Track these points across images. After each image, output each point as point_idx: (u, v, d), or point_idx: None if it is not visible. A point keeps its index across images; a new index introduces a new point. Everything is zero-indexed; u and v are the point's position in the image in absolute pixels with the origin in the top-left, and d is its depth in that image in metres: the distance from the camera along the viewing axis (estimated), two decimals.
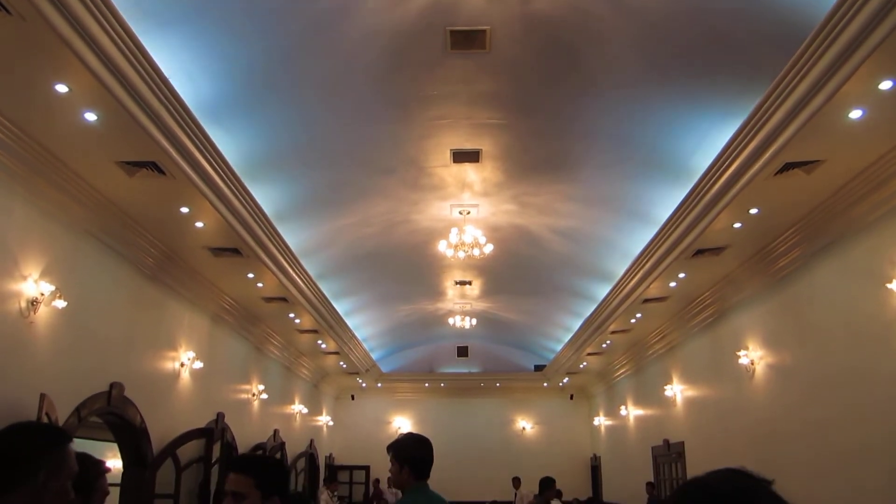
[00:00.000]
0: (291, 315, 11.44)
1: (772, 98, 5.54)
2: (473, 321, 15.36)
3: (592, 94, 7.14)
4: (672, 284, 9.61)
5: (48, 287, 5.96)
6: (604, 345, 13.93)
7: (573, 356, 15.56)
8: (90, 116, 5.19)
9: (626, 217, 9.56)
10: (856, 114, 5.21)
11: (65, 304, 6.20)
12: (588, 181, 9.04)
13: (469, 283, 14.00)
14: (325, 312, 12.01)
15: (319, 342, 13.64)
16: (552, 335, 16.93)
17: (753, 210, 7.00)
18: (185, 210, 7.00)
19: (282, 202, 8.75)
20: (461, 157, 8.48)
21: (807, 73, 5.06)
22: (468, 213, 10.00)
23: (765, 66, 5.73)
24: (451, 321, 15.32)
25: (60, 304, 6.15)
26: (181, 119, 5.78)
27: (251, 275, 9.20)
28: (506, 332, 18.20)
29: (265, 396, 12.59)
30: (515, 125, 7.85)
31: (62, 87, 4.82)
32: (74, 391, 6.50)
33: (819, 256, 7.35)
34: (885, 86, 4.85)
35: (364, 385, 19.18)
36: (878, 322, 6.30)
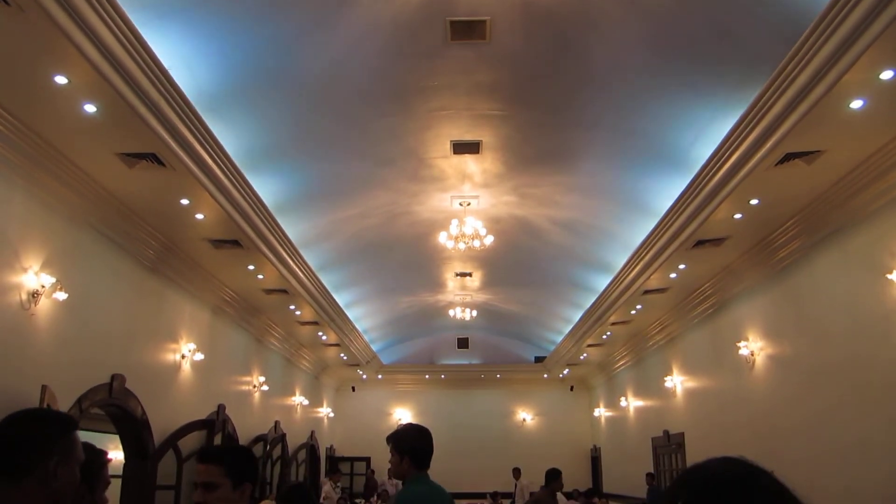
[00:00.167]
0: (292, 307, 11.45)
1: (773, 88, 5.53)
2: (474, 313, 15.38)
3: (593, 85, 7.13)
4: (672, 275, 9.61)
5: (49, 279, 5.97)
6: (604, 336, 13.94)
7: (573, 347, 15.58)
8: (90, 108, 5.18)
9: (627, 208, 9.56)
10: (857, 104, 5.20)
11: (65, 296, 6.21)
12: (588, 172, 9.03)
13: (469, 275, 14.01)
14: (326, 304, 12.02)
15: (320, 334, 13.66)
16: (552, 326, 16.96)
17: (754, 201, 7.00)
18: (186, 202, 7.00)
19: (282, 193, 8.74)
20: (461, 149, 8.48)
21: (808, 64, 5.05)
22: (468, 205, 10.00)
23: (766, 57, 5.71)
24: (452, 313, 15.34)
25: (61, 296, 6.16)
26: (180, 110, 5.77)
27: (251, 266, 9.20)
28: (506, 324, 18.22)
29: (266, 388, 12.62)
30: (516, 116, 7.84)
31: (61, 79, 4.81)
32: (76, 382, 6.52)
33: (819, 247, 7.35)
34: (886, 76, 4.85)
35: (365, 377, 19.21)
36: (879, 312, 6.31)
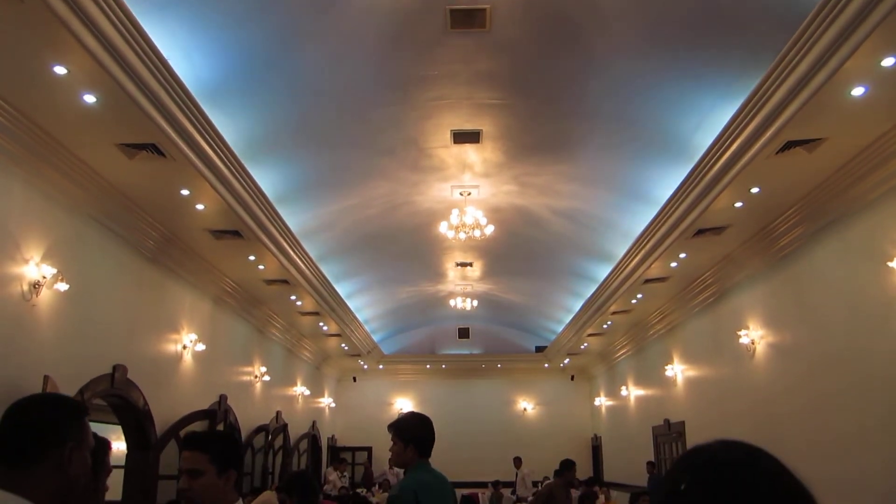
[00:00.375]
0: (293, 297, 11.46)
1: (774, 76, 5.51)
2: (474, 303, 15.40)
3: (593, 74, 7.10)
4: (673, 264, 9.61)
5: (50, 270, 5.97)
6: (605, 325, 13.95)
7: (574, 337, 15.60)
8: (89, 98, 5.17)
9: (627, 197, 9.55)
10: (858, 91, 5.18)
11: (67, 287, 6.22)
12: (589, 161, 9.01)
13: (470, 265, 14.01)
14: (327, 295, 12.03)
15: (321, 324, 13.68)
16: (553, 316, 16.98)
17: (755, 189, 6.99)
18: (186, 192, 6.99)
19: (282, 184, 8.73)
20: (461, 138, 8.46)
21: (809, 51, 5.02)
22: (469, 195, 9.99)
23: (767, 44, 5.69)
24: (453, 303, 15.36)
25: (62, 287, 6.17)
26: (180, 101, 5.76)
27: (252, 257, 9.21)
28: (507, 314, 18.24)
29: (267, 378, 12.65)
30: (516, 105, 7.82)
31: (60, 69, 4.80)
32: (78, 373, 6.53)
33: (820, 235, 7.35)
34: (888, 63, 4.82)
35: (366, 367, 19.25)
36: (879, 301, 6.31)
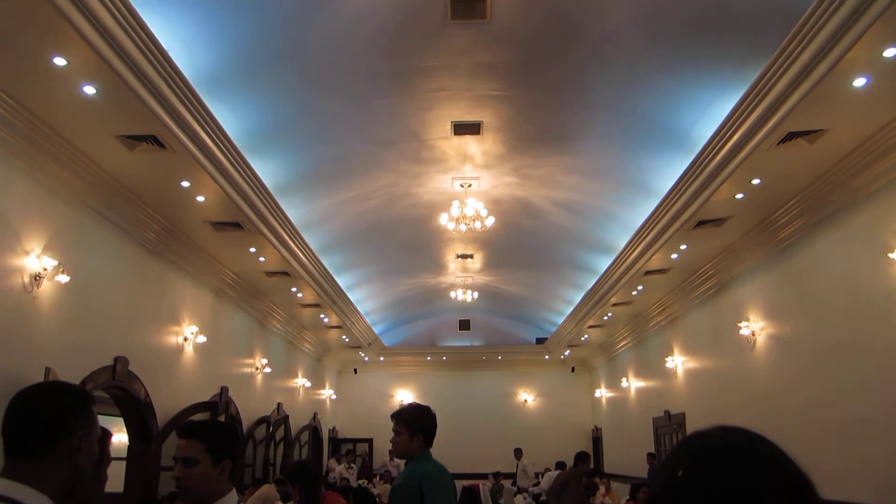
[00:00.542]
0: (293, 289, 11.47)
1: (775, 67, 5.49)
2: (475, 294, 15.40)
3: (594, 65, 7.08)
4: (674, 256, 9.61)
5: (51, 262, 5.98)
6: (605, 317, 13.97)
7: (574, 329, 15.62)
8: (89, 90, 5.16)
9: (628, 189, 9.54)
10: (860, 82, 5.17)
11: (68, 279, 6.23)
12: (589, 153, 9.00)
13: (471, 257, 14.01)
14: (328, 286, 12.04)
15: (322, 316, 13.70)
16: (554, 308, 16.99)
17: (755, 180, 6.98)
18: (186, 184, 6.99)
19: (282, 175, 8.72)
20: (462, 130, 8.44)
21: (810, 41, 5.01)
22: (469, 186, 9.98)
23: (768, 35, 5.67)
24: (453, 295, 15.36)
25: (63, 279, 6.17)
26: (180, 92, 5.75)
27: (253, 249, 9.21)
28: (507, 306, 18.25)
29: (268, 370, 12.67)
30: (516, 96, 7.80)
31: (60, 60, 4.79)
32: (79, 365, 6.55)
33: (820, 227, 7.34)
34: (890, 53, 4.81)
35: (366, 359, 19.29)
36: (880, 292, 6.31)
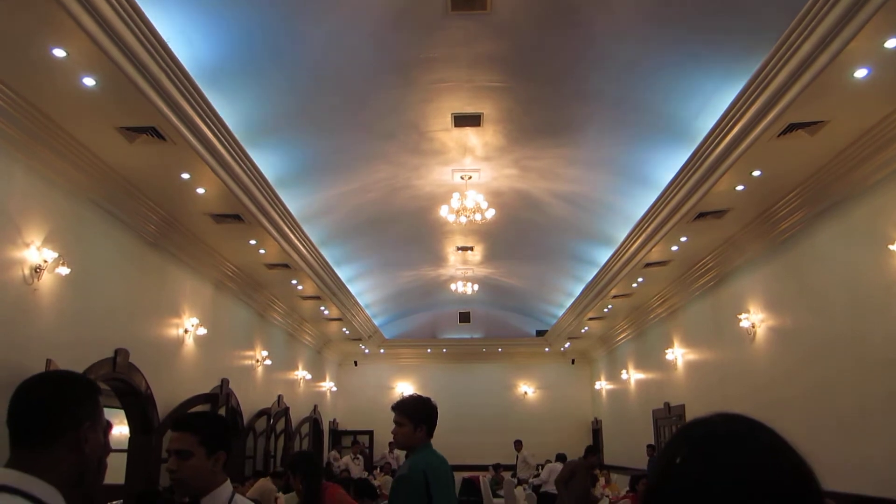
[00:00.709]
0: (294, 282, 11.47)
1: (776, 58, 5.47)
2: (475, 287, 15.39)
3: (594, 56, 7.06)
4: (674, 248, 9.61)
5: (51, 254, 5.98)
6: (605, 309, 13.98)
7: (575, 321, 15.63)
8: (88, 81, 5.15)
9: (628, 181, 9.52)
10: (861, 73, 5.15)
11: (68, 271, 6.23)
12: (590, 145, 8.98)
13: (471, 249, 14.00)
14: (328, 279, 12.04)
15: (322, 309, 13.70)
16: (554, 300, 16.99)
17: (756, 172, 6.97)
18: (186, 176, 6.98)
19: (282, 167, 8.71)
20: (462, 121, 8.42)
21: (811, 32, 4.99)
22: (470, 178, 9.96)
23: (769, 26, 5.64)
24: (453, 287, 15.37)
25: (64, 271, 6.18)
26: (180, 84, 5.74)
27: (253, 241, 9.21)
28: (507, 298, 18.26)
29: (269, 363, 12.69)
30: (517, 88, 7.77)
31: (60, 52, 4.78)
32: (80, 357, 6.55)
33: (821, 219, 7.34)
34: (892, 44, 4.79)
35: (367, 351, 19.31)
36: (880, 284, 6.31)
